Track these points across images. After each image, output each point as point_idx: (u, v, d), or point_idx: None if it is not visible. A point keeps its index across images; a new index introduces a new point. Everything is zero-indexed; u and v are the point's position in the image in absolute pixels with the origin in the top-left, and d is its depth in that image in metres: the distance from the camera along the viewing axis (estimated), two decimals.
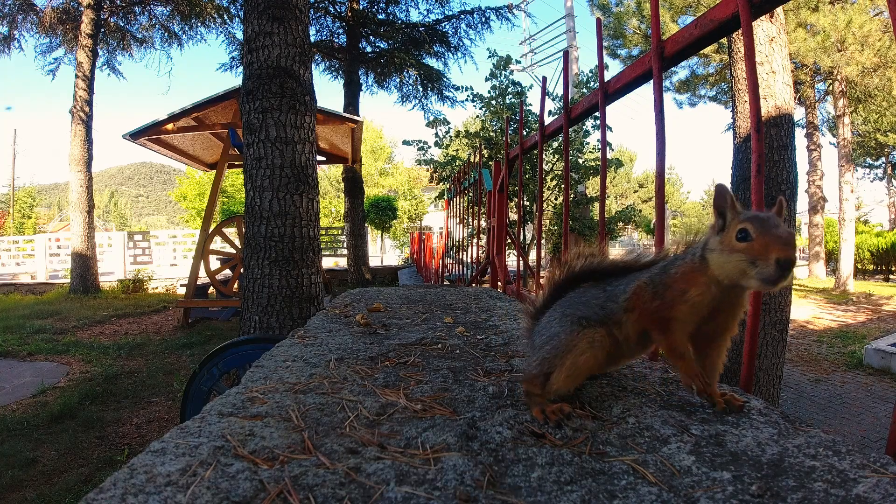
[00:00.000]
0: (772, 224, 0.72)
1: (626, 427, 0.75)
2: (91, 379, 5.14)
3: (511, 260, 5.59)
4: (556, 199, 10.30)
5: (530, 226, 10.29)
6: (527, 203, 8.98)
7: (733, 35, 4.90)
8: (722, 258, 0.75)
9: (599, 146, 1.87)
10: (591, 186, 16.39)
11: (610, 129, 9.94)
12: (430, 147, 10.65)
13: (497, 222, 3.34)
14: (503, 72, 9.93)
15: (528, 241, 10.11)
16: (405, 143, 10.80)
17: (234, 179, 21.70)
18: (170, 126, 7.69)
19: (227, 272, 8.22)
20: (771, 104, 4.44)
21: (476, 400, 0.89)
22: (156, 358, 5.99)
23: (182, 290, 10.57)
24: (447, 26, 12.56)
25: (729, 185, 5.13)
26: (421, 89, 13.11)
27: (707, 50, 14.05)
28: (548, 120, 2.22)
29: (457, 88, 13.14)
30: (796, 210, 4.85)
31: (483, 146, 8.68)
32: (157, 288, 12.17)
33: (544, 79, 2.39)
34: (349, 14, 11.73)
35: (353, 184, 12.13)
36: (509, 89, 9.97)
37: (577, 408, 0.82)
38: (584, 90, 10.18)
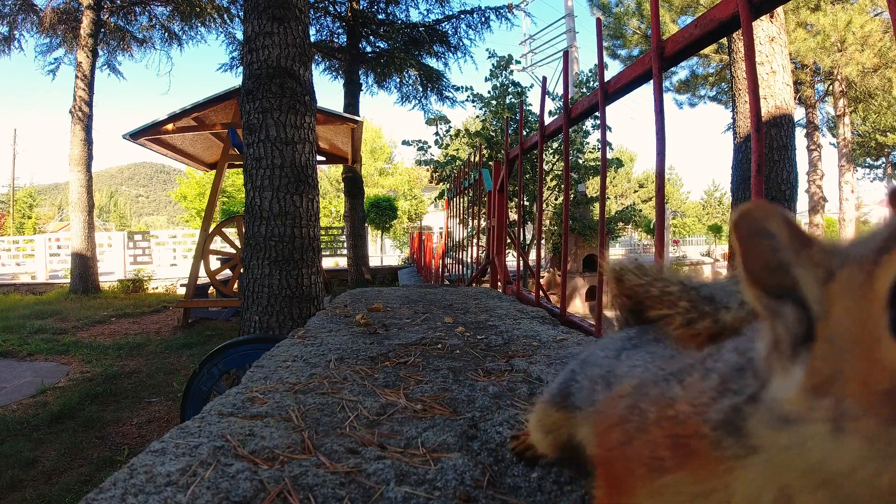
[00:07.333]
0: None
1: None
2: (91, 379, 5.14)
3: (511, 260, 5.59)
4: (556, 199, 10.30)
5: (530, 226, 10.29)
6: (527, 203, 8.98)
7: (733, 35, 4.91)
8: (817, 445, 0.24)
9: (599, 146, 1.88)
10: (591, 186, 16.39)
11: (610, 129, 9.94)
12: (430, 147, 10.65)
13: (497, 222, 3.34)
14: (503, 72, 9.93)
15: (528, 241, 10.11)
16: (405, 143, 10.80)
17: (234, 179, 21.69)
18: (170, 126, 7.69)
19: (227, 272, 8.22)
20: (771, 104, 4.45)
21: (476, 400, 0.89)
22: (156, 358, 5.98)
23: (182, 290, 10.56)
24: (447, 26, 12.57)
25: (729, 185, 5.13)
26: (421, 89, 13.12)
27: (707, 50, 14.05)
28: (548, 120, 2.22)
29: (457, 89, 13.15)
30: (796, 210, 4.86)
31: (483, 146, 8.68)
32: (157, 288, 12.17)
33: (544, 79, 2.39)
34: (349, 14, 11.73)
35: (353, 184, 12.13)
36: (509, 89, 9.97)
37: None
38: (584, 90, 10.18)
